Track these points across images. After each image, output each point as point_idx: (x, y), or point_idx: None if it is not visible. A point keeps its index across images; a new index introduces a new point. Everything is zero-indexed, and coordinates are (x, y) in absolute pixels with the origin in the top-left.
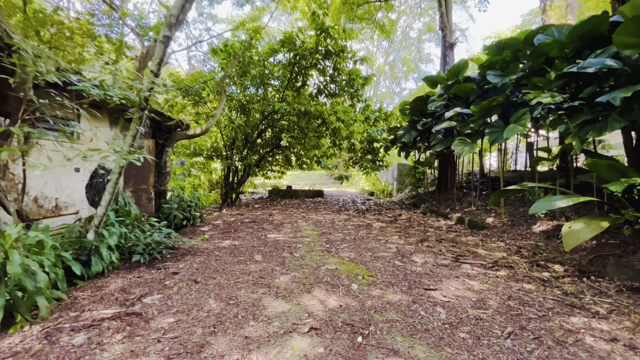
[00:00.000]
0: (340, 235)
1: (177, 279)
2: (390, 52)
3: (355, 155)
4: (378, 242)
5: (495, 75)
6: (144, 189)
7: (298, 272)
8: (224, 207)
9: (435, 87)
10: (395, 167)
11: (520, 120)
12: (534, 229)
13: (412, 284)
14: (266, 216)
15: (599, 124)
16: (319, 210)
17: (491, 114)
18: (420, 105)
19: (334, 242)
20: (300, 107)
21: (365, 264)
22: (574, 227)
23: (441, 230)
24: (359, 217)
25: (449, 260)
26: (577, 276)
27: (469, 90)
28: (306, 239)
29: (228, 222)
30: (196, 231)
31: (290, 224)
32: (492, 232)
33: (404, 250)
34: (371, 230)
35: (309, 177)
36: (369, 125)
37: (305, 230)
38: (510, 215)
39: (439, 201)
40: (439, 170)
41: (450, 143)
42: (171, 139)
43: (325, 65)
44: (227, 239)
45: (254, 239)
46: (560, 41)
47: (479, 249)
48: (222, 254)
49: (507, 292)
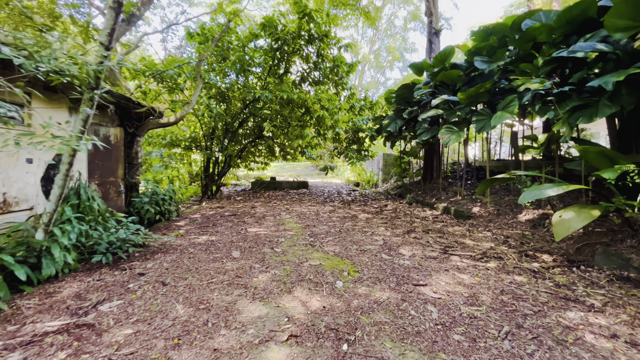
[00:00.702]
0: (325, 228)
1: (142, 280)
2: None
3: (340, 145)
4: (364, 235)
5: (482, 61)
6: (112, 181)
7: (279, 269)
8: (204, 199)
9: (421, 75)
10: (381, 157)
11: (508, 107)
12: (519, 217)
13: (400, 280)
14: (248, 209)
15: (589, 110)
16: (304, 201)
17: (478, 101)
18: (406, 93)
19: (318, 235)
20: (283, 94)
21: (351, 258)
22: (564, 216)
23: (427, 220)
24: (345, 208)
25: (438, 252)
26: (566, 266)
27: (456, 78)
28: (289, 233)
29: (207, 215)
30: (171, 226)
31: (272, 216)
32: (479, 222)
33: (391, 243)
34: (357, 222)
35: (293, 168)
36: (354, 114)
37: (289, 223)
38: (496, 204)
39: (425, 191)
40: (425, 159)
41: (436, 132)
42: (142, 127)
43: (308, 52)
44: (203, 234)
45: (233, 233)
46: (548, 25)
47: (466, 239)
48: (196, 251)
49: (499, 285)
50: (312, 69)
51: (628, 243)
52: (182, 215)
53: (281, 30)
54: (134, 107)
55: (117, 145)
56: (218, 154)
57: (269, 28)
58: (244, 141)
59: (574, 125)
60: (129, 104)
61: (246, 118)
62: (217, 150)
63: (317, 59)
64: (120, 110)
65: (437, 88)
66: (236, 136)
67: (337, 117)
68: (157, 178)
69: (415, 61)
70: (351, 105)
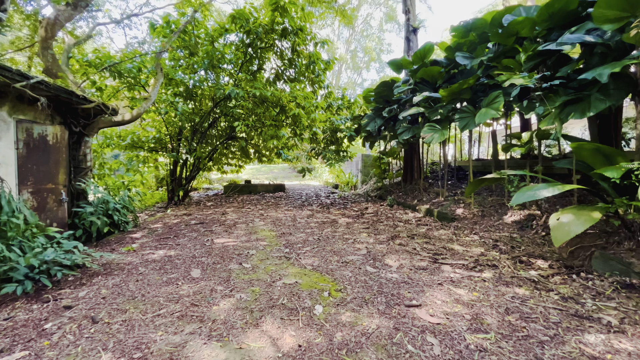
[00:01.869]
0: (302, 236)
1: (66, 317)
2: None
3: (317, 146)
4: (345, 242)
5: (464, 57)
6: (51, 189)
7: (246, 291)
8: (170, 206)
9: (400, 72)
10: (360, 158)
11: (493, 103)
12: (505, 219)
13: (390, 299)
14: (218, 216)
15: (581, 105)
16: (280, 206)
17: (460, 98)
18: (385, 91)
19: (295, 244)
20: (255, 91)
21: (332, 272)
22: (562, 219)
23: (411, 224)
24: (323, 212)
25: (427, 262)
26: (565, 273)
27: (436, 74)
28: (262, 243)
29: (169, 225)
30: (124, 239)
31: (244, 224)
32: (463, 224)
33: (375, 252)
34: (337, 227)
35: (270, 170)
36: (331, 114)
37: (262, 232)
38: (479, 205)
39: (406, 192)
40: (404, 160)
41: (418, 130)
42: (91, 126)
43: (282, 48)
44: (161, 248)
45: (196, 246)
46: (531, 19)
47: (454, 244)
48: (148, 270)
49: (502, 302)
50: (287, 66)
51: (626, 246)
52: (141, 225)
53: (253, 23)
54: (79, 103)
55: (58, 147)
56: (186, 156)
57: (239, 20)
58: (216, 142)
59: (565, 120)
60: (72, 99)
61: (217, 118)
62: (185, 153)
63: (292, 55)
64: (63, 106)
65: (417, 85)
66: (206, 137)
67: (314, 116)
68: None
69: (394, 58)
70: (328, 104)
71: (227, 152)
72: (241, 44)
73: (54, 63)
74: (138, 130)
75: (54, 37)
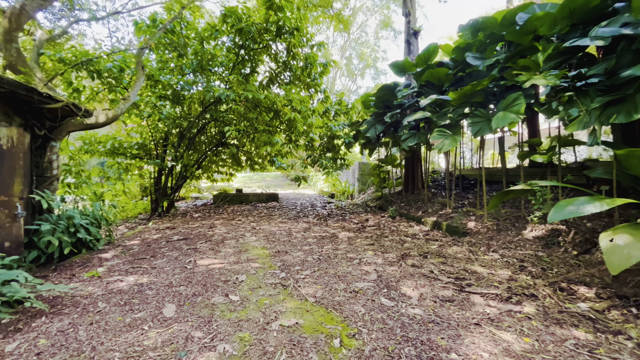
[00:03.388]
0: (300, 255)
1: None
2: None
3: (314, 153)
4: (350, 263)
5: (474, 57)
6: (3, 201)
7: (232, 340)
8: (153, 218)
9: (402, 75)
10: (357, 166)
11: (513, 106)
12: (525, 234)
13: (421, 351)
14: (205, 230)
15: (625, 106)
16: (273, 217)
17: (471, 102)
18: (386, 95)
19: (292, 266)
20: (248, 94)
21: (340, 307)
22: (617, 240)
23: (419, 239)
24: (321, 224)
25: (451, 290)
26: (621, 306)
27: (443, 77)
28: (253, 265)
29: (148, 241)
30: (91, 261)
31: (234, 239)
32: (478, 240)
33: (387, 276)
34: (338, 243)
35: (263, 178)
36: (328, 119)
37: (254, 249)
38: (493, 218)
39: (408, 202)
40: (406, 168)
41: (424, 137)
42: (59, 129)
43: (277, 49)
44: (133, 273)
45: (176, 269)
46: (552, 15)
47: (475, 265)
48: (110, 307)
49: (565, 354)
50: (282, 69)
51: None
52: (116, 242)
53: (245, 22)
54: (43, 102)
55: (14, 152)
56: (171, 163)
57: (231, 19)
58: (205, 149)
59: (606, 124)
60: (33, 97)
61: (206, 123)
62: (171, 160)
63: (288, 57)
64: (24, 105)
65: (422, 89)
66: (194, 143)
67: (310, 121)
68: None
69: (386, 70)
70: (325, 109)
71: (217, 159)
72: (233, 45)
73: (19, 58)
74: (120, 135)
75: (20, 29)
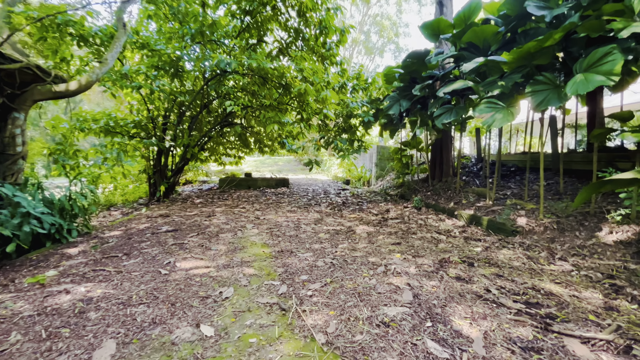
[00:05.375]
0: (309, 257)
1: None
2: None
3: (328, 135)
4: (374, 272)
5: (538, 6)
6: None
7: None
8: (151, 203)
9: (434, 40)
10: (375, 150)
11: (600, 64)
12: (601, 237)
13: None
14: (202, 218)
15: None
16: (281, 205)
17: (531, 65)
18: (415, 64)
19: (297, 274)
20: (252, 62)
21: (366, 356)
22: None
23: (455, 237)
24: (335, 215)
25: (530, 328)
26: None
27: (490, 37)
28: (247, 271)
29: (132, 232)
30: (50, 259)
31: (232, 232)
32: (533, 241)
33: (427, 296)
34: (356, 241)
35: (275, 162)
36: (344, 96)
37: (252, 247)
38: (550, 214)
39: (436, 192)
40: (432, 152)
41: (463, 112)
42: (22, 97)
43: (288, 16)
44: (89, 280)
45: (146, 275)
46: None
47: (544, 280)
48: (23, 342)
49: None
50: (294, 39)
51: None
52: (94, 232)
53: None
54: None
55: None
56: (169, 144)
57: None
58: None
59: None
60: None
61: (211, 101)
62: (170, 140)
63: (299, 20)
64: None
65: (462, 52)
66: (199, 122)
67: (324, 94)
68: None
69: (428, 20)
70: (341, 84)
71: (223, 140)
72: (237, 8)
73: None
74: (119, 112)
75: None
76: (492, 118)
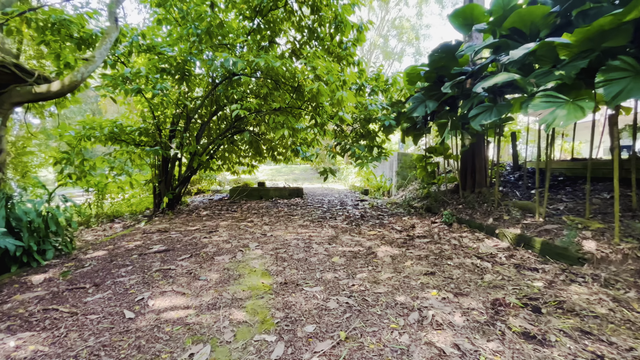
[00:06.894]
0: (318, 293)
1: None
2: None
3: (344, 141)
4: (404, 321)
5: None
6: None
7: None
8: (155, 215)
9: (466, 30)
10: (396, 157)
11: None
12: None
13: None
14: (201, 235)
15: None
16: (293, 218)
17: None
18: (444, 60)
19: (299, 324)
20: (260, 60)
21: None
22: None
23: (502, 264)
24: (352, 231)
25: None
26: None
27: (539, 20)
28: (235, 316)
29: (117, 253)
30: (5, 289)
31: (230, 254)
32: (611, 274)
33: None
34: (377, 269)
35: (291, 171)
36: (362, 98)
37: (250, 276)
38: (629, 237)
39: (469, 205)
40: (463, 159)
41: (506, 110)
42: (1, 98)
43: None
44: (33, 326)
45: (105, 320)
46: None
47: None
48: None
49: None
50: (308, 40)
51: None
52: (75, 252)
53: None
54: None
55: None
56: (174, 151)
57: None
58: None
59: None
60: None
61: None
62: (174, 147)
63: (314, 18)
64: None
65: (505, 39)
66: (207, 129)
67: (340, 95)
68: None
69: (460, 7)
70: (359, 85)
71: (235, 148)
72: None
73: None
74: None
75: None
76: (552, 115)
